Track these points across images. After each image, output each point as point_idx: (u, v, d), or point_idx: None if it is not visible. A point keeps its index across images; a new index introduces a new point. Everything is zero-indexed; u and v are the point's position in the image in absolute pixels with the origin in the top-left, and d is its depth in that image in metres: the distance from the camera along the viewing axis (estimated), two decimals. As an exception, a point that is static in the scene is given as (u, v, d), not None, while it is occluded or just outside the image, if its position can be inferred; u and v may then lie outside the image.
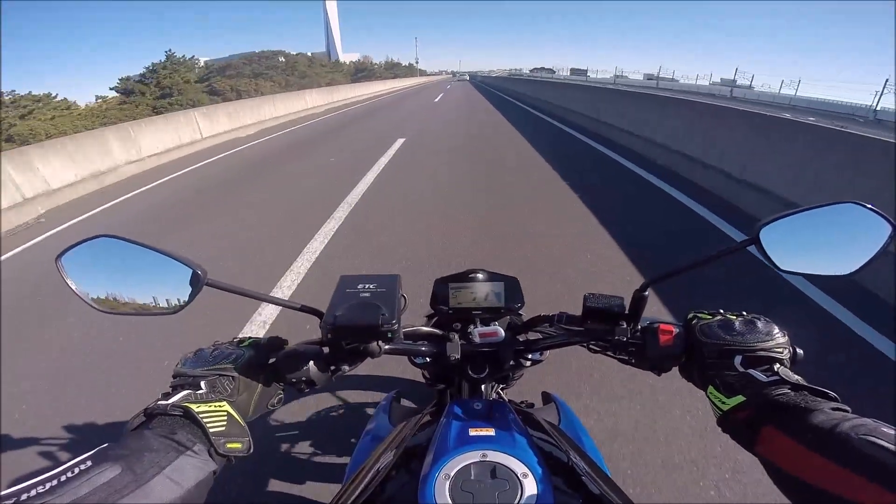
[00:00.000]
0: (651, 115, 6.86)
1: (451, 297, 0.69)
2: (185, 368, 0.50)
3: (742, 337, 0.49)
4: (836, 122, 10.12)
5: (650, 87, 37.90)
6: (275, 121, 12.38)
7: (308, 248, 3.46)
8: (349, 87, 24.29)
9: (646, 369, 0.57)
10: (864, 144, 3.15)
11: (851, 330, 2.32)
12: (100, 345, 2.40)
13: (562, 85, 14.70)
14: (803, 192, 3.57)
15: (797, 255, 0.49)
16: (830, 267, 0.50)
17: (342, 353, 0.57)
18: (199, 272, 0.47)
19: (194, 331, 2.32)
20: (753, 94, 41.10)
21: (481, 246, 3.46)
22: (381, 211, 4.35)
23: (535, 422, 0.62)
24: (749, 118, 4.74)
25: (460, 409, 0.58)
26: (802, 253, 0.50)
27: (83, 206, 5.32)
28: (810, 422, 0.38)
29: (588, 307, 0.59)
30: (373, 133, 9.76)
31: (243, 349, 0.54)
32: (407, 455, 0.56)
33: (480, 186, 5.11)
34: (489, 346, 0.65)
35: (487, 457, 0.45)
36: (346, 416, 1.80)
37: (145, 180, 6.36)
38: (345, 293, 0.58)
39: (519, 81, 26.97)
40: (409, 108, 16.68)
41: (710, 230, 3.72)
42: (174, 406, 0.44)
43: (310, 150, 7.96)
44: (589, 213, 4.12)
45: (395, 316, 0.54)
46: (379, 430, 0.82)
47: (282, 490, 1.50)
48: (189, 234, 4.05)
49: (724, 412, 0.46)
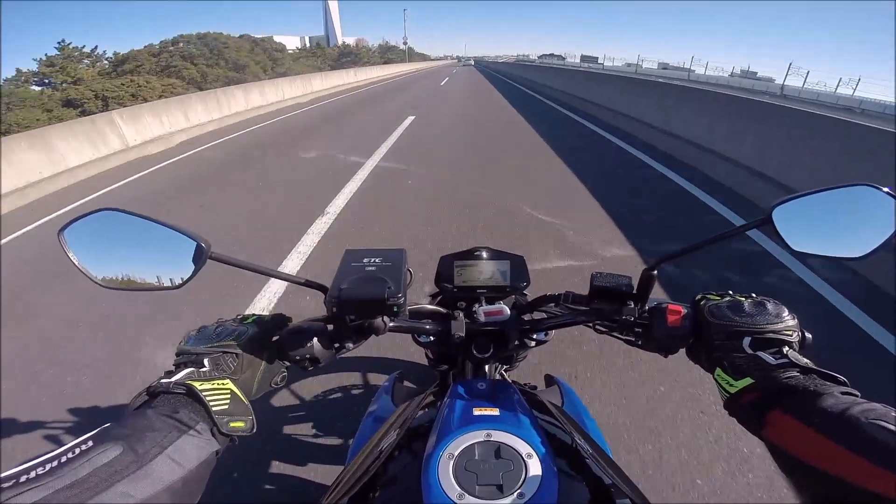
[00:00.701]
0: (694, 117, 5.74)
1: (456, 276, 0.69)
2: (188, 346, 0.50)
3: (751, 318, 0.48)
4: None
5: (678, 78, 33.75)
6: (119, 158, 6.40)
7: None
8: (303, 79, 15.11)
9: (652, 350, 0.57)
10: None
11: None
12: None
13: (576, 73, 13.42)
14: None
15: (809, 235, 0.49)
16: (842, 249, 0.49)
17: (347, 330, 0.57)
18: (203, 245, 0.47)
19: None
20: (809, 93, 32.32)
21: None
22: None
23: (538, 403, 0.62)
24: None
25: (464, 388, 0.58)
26: (815, 234, 0.49)
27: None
28: (819, 405, 0.38)
29: (595, 286, 0.58)
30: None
31: (247, 326, 0.54)
32: (410, 435, 0.56)
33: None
34: (494, 325, 0.65)
35: (492, 437, 0.45)
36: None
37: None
38: (350, 266, 0.57)
39: (530, 68, 25.02)
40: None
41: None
42: (177, 384, 0.43)
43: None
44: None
45: (401, 289, 0.53)
46: (382, 410, 0.82)
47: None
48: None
49: (732, 395, 0.46)
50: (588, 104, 10.22)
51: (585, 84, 11.30)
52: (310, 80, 16.01)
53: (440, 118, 9.69)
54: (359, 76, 23.72)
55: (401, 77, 30.71)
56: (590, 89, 10.66)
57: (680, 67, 59.34)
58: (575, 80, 12.57)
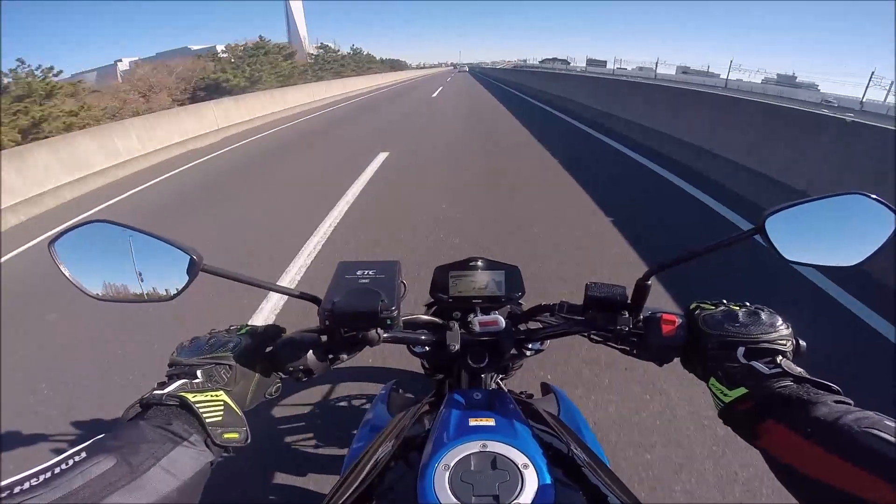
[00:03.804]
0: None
1: (451, 286, 0.69)
2: (180, 357, 0.50)
3: (745, 328, 0.48)
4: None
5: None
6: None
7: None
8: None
9: (647, 360, 0.57)
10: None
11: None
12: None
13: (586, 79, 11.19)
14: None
15: (803, 245, 0.49)
16: (836, 257, 0.50)
17: (341, 342, 0.56)
18: (194, 258, 0.46)
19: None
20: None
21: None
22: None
23: (535, 412, 0.62)
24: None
25: (460, 398, 0.58)
26: (808, 243, 0.49)
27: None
28: (812, 414, 0.38)
29: (590, 296, 0.58)
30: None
31: (240, 337, 0.54)
32: (406, 445, 0.55)
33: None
34: (489, 336, 0.65)
35: (488, 447, 0.45)
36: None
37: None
38: (343, 279, 0.57)
39: (534, 76, 20.46)
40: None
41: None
42: (170, 396, 0.43)
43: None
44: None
45: (394, 302, 0.53)
46: (377, 420, 0.82)
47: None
48: None
49: (726, 404, 0.46)
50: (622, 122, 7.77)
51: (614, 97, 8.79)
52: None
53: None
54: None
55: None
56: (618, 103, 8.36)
57: (702, 72, 54.13)
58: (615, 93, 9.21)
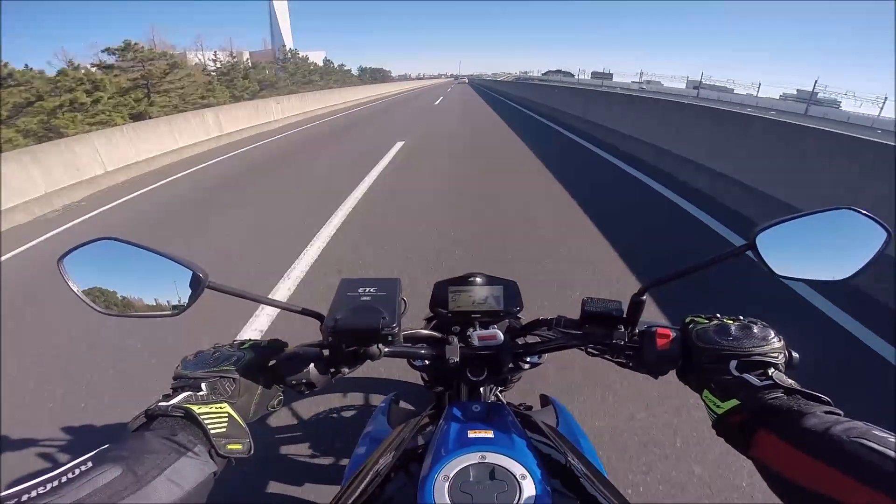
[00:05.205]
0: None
1: (451, 301, 0.70)
2: (185, 370, 0.51)
3: (738, 342, 0.49)
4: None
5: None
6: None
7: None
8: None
9: (643, 373, 0.58)
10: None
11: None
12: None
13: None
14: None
15: (793, 260, 0.50)
16: (826, 272, 0.51)
17: (342, 356, 0.57)
18: (200, 275, 0.48)
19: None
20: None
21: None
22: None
23: (533, 424, 0.62)
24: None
25: (459, 411, 0.59)
26: (798, 258, 0.50)
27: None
28: (803, 425, 0.39)
29: (586, 311, 0.60)
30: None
31: (244, 351, 0.55)
32: (406, 457, 0.56)
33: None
34: (488, 349, 0.66)
35: (486, 458, 0.46)
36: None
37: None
38: (345, 297, 0.58)
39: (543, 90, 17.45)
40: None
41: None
42: (175, 407, 0.44)
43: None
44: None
45: (395, 319, 0.54)
46: (378, 432, 0.82)
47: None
48: None
49: (719, 415, 0.47)
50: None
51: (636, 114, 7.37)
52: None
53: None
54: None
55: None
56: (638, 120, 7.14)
57: (714, 86, 48.69)
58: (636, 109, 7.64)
